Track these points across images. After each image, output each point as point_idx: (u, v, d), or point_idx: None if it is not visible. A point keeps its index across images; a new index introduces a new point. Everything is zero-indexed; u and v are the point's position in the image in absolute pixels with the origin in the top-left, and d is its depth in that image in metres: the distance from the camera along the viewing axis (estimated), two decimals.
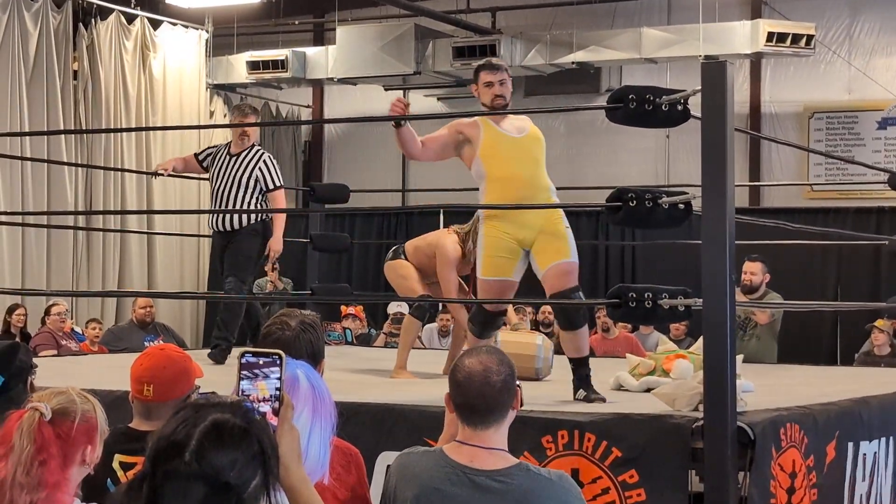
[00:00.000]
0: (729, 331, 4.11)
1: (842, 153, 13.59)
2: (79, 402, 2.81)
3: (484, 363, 2.99)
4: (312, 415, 2.32)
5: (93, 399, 2.88)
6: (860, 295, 11.96)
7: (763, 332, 8.49)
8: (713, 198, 4.17)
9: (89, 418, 2.81)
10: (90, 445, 2.80)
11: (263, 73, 14.69)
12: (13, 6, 12.46)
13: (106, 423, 2.89)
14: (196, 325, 14.83)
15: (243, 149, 7.68)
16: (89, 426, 2.80)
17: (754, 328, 8.49)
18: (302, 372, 2.37)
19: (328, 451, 2.39)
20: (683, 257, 10.45)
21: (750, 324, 8.49)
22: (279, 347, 2.38)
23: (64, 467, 2.72)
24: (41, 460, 2.68)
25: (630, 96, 4.32)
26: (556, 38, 13.73)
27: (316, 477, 2.30)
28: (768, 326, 8.51)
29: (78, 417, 2.78)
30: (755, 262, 8.52)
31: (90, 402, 2.86)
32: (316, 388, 2.35)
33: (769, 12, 13.90)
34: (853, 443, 4.93)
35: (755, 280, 8.47)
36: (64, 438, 2.74)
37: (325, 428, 2.37)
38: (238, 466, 1.86)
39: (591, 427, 4.28)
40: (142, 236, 13.66)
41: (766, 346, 8.51)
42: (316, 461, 2.31)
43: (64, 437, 2.74)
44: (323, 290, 7.36)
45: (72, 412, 2.78)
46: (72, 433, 2.75)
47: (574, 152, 14.80)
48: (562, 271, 5.30)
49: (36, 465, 2.67)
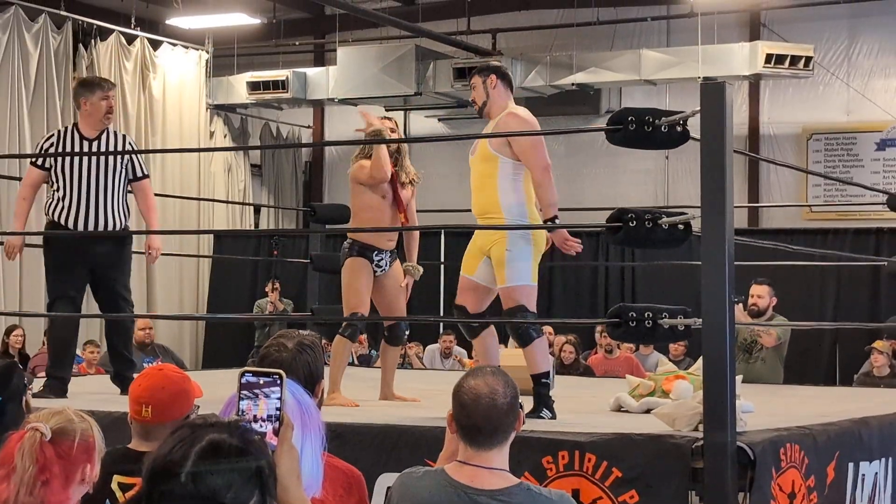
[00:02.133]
0: (729, 350, 4.11)
1: (840, 174, 13.61)
2: (77, 422, 2.82)
3: (490, 385, 2.99)
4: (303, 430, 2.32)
5: (89, 418, 2.89)
6: (859, 316, 11.96)
7: (769, 354, 8.41)
8: (712, 218, 4.18)
9: (88, 437, 2.82)
10: (89, 464, 2.80)
11: (264, 94, 14.72)
12: (14, 27, 12.49)
13: (103, 441, 2.90)
14: (196, 347, 14.82)
15: (102, 131, 6.47)
16: (88, 445, 2.81)
17: (760, 351, 8.42)
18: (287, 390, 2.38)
19: (321, 465, 2.40)
20: (683, 278, 10.46)
21: (756, 346, 8.42)
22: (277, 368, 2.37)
23: (65, 486, 2.73)
24: (44, 480, 2.68)
25: (630, 118, 4.33)
26: (556, 60, 13.78)
27: (311, 492, 2.30)
28: (774, 349, 8.43)
29: (77, 437, 2.79)
30: (762, 286, 8.43)
31: (87, 421, 2.87)
32: (302, 403, 2.35)
33: (768, 34, 13.95)
34: (853, 463, 4.93)
35: (761, 304, 8.39)
36: (65, 458, 2.75)
37: (316, 442, 2.37)
38: (234, 487, 1.86)
39: (592, 447, 4.28)
40: (141, 256, 13.64)
41: (772, 368, 8.43)
42: (310, 476, 2.31)
43: (65, 457, 2.75)
44: (323, 311, 7.36)
45: (71, 432, 2.79)
46: (72, 452, 2.76)
47: (574, 173, 14.82)
48: (503, 296, 5.49)
49: (39, 485, 2.68)
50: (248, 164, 15.78)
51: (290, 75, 14.55)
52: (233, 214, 15.34)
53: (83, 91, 6.47)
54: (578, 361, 11.11)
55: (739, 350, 8.39)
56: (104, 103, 6.38)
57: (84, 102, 6.38)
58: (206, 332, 14.89)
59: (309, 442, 2.33)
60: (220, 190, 15.02)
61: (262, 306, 12.68)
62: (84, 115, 6.41)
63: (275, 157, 16.27)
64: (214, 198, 14.73)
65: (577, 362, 11.09)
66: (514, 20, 15.11)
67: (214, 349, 14.46)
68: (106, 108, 6.38)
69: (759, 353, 8.42)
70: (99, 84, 6.51)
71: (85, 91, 6.44)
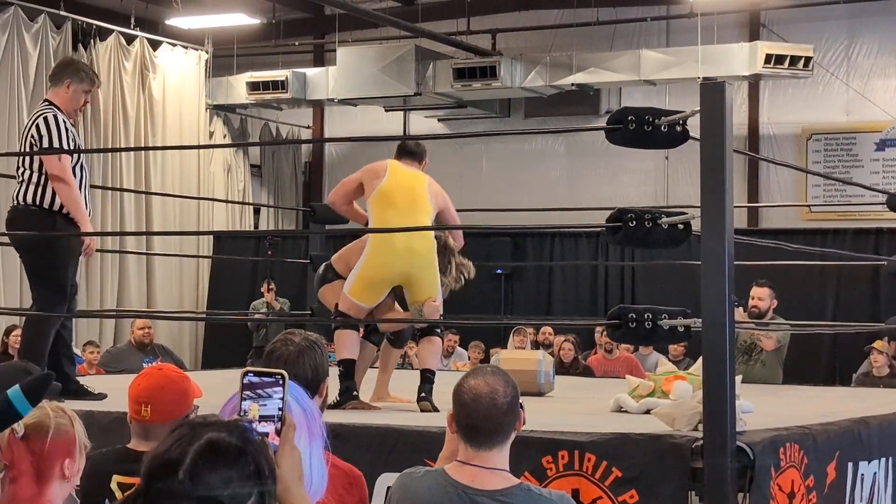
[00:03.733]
0: (728, 350, 4.11)
1: (840, 174, 13.62)
2: (53, 417, 2.81)
3: (490, 385, 2.99)
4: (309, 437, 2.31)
5: (70, 412, 2.88)
6: (859, 316, 11.95)
7: (768, 357, 8.39)
8: (712, 219, 4.18)
9: (65, 432, 2.81)
10: (68, 458, 2.79)
11: (263, 94, 14.71)
12: (13, 27, 12.49)
13: (85, 435, 2.88)
14: (195, 347, 14.82)
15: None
16: (66, 440, 2.80)
17: (760, 353, 8.39)
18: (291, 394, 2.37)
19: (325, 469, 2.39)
20: (683, 278, 10.45)
21: (756, 349, 8.39)
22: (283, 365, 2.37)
23: (38, 482, 2.72)
24: (12, 477, 2.68)
25: (629, 118, 4.33)
26: (555, 60, 13.77)
27: (318, 496, 2.29)
28: (774, 352, 8.41)
29: (52, 432, 2.77)
30: (763, 288, 8.41)
31: (66, 415, 2.85)
32: (307, 409, 2.35)
33: (767, 34, 13.95)
34: (853, 463, 4.93)
35: (762, 306, 8.36)
36: (37, 454, 2.74)
37: (320, 447, 2.37)
38: (233, 486, 1.85)
39: (592, 447, 4.28)
40: (141, 257, 13.67)
41: (772, 371, 8.41)
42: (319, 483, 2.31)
43: (37, 453, 2.74)
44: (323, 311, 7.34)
45: (45, 427, 2.77)
46: (45, 448, 2.75)
47: (574, 173, 14.83)
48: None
49: (7, 481, 2.67)
50: (248, 165, 15.78)
51: (290, 75, 14.55)
52: (232, 215, 15.35)
53: (73, 73, 6.09)
54: (578, 361, 11.11)
55: (739, 352, 8.38)
56: (84, 97, 6.11)
57: (68, 85, 6.01)
58: (205, 333, 14.89)
59: (316, 448, 2.32)
60: (219, 190, 15.03)
61: (258, 307, 12.67)
62: (63, 97, 6.02)
63: (274, 158, 16.27)
64: (214, 198, 14.74)
65: (577, 362, 11.09)
66: (513, 20, 15.11)
67: (214, 349, 14.45)
68: (83, 102, 6.13)
69: (759, 355, 8.40)
70: (89, 76, 6.17)
71: (75, 74, 6.08)
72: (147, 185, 13.77)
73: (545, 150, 15.25)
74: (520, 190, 14.64)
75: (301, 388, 2.39)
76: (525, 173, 15.01)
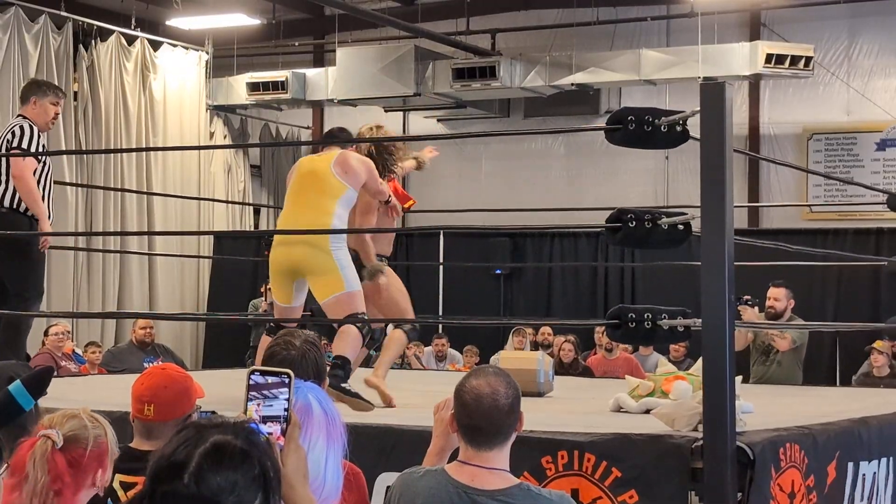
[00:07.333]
0: (728, 351, 4.11)
1: (840, 174, 13.62)
2: (90, 428, 2.79)
3: (492, 385, 3.00)
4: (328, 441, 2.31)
5: (103, 421, 2.87)
6: (859, 316, 11.96)
7: (785, 357, 8.28)
8: (712, 219, 4.17)
9: (101, 443, 2.80)
10: (101, 469, 2.79)
11: (263, 95, 14.73)
12: (14, 27, 12.49)
13: (116, 444, 2.88)
14: (196, 347, 14.82)
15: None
16: (100, 451, 2.79)
17: (776, 353, 8.30)
18: (314, 397, 2.36)
19: (341, 474, 2.40)
20: (683, 278, 10.46)
21: (772, 349, 8.30)
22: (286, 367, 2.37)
23: (76, 493, 2.72)
24: (56, 490, 2.67)
25: (629, 118, 4.33)
26: (555, 60, 13.78)
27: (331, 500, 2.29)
28: (791, 353, 8.28)
29: (90, 444, 2.77)
30: (779, 288, 8.32)
31: (101, 425, 2.84)
32: (328, 413, 2.35)
33: (768, 34, 13.95)
34: (853, 463, 4.93)
35: (778, 306, 8.26)
36: (76, 466, 2.73)
37: (338, 451, 2.37)
38: (238, 489, 1.86)
39: (591, 447, 4.28)
40: (142, 257, 13.68)
41: (790, 371, 8.29)
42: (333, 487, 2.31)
43: (76, 465, 2.73)
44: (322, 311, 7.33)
45: (83, 439, 2.76)
46: (83, 460, 2.74)
47: (574, 173, 14.83)
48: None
49: (51, 495, 2.66)
50: (248, 165, 15.79)
51: (290, 76, 14.56)
52: (233, 215, 15.36)
53: (36, 90, 6.74)
54: (578, 361, 11.12)
55: (757, 352, 8.33)
56: (53, 108, 6.68)
57: (34, 102, 6.63)
58: (206, 333, 14.90)
59: (333, 452, 2.32)
60: (219, 190, 15.03)
61: (257, 305, 12.67)
62: (32, 112, 6.62)
63: (274, 158, 16.28)
64: (214, 198, 14.75)
65: (577, 362, 11.10)
66: (513, 20, 15.11)
67: (215, 349, 14.46)
68: (53, 114, 6.69)
69: (776, 355, 8.30)
70: (53, 90, 6.80)
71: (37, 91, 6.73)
72: (149, 186, 13.78)
73: (545, 150, 15.25)
74: (519, 190, 14.64)
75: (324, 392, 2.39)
76: (524, 173, 15.02)
